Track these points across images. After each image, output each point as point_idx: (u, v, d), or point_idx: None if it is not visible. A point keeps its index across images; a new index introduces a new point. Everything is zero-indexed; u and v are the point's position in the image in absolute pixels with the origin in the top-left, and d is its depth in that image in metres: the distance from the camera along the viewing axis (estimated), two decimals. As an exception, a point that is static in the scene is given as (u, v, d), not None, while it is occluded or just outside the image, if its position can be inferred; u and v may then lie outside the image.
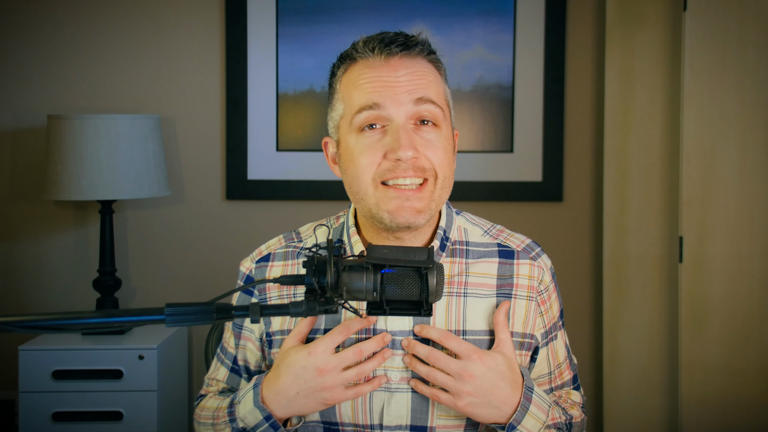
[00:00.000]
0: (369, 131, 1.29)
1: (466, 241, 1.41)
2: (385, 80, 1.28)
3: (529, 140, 2.89)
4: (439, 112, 1.30)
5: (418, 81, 1.29)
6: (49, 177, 2.60)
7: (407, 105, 1.28)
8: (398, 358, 1.33)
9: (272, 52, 2.88)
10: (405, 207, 1.28)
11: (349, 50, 1.34)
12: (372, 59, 1.30)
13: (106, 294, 2.71)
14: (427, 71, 1.32)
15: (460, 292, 1.36)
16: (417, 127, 1.29)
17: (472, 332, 1.34)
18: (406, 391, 1.32)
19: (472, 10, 2.86)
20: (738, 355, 2.61)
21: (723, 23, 2.57)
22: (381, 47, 1.30)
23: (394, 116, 1.28)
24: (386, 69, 1.29)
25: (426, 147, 1.29)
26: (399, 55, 1.29)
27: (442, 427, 1.33)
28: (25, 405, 2.52)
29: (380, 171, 1.28)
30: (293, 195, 2.92)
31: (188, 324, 1.10)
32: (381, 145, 1.28)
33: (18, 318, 1.03)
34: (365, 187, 1.29)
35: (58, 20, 2.89)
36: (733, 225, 2.60)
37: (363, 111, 1.28)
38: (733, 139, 2.59)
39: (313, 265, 1.10)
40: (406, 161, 1.26)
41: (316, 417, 1.35)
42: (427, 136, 1.29)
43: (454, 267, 1.37)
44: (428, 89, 1.30)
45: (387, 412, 1.32)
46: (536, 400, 1.32)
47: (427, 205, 1.29)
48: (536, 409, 1.31)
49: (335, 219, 1.46)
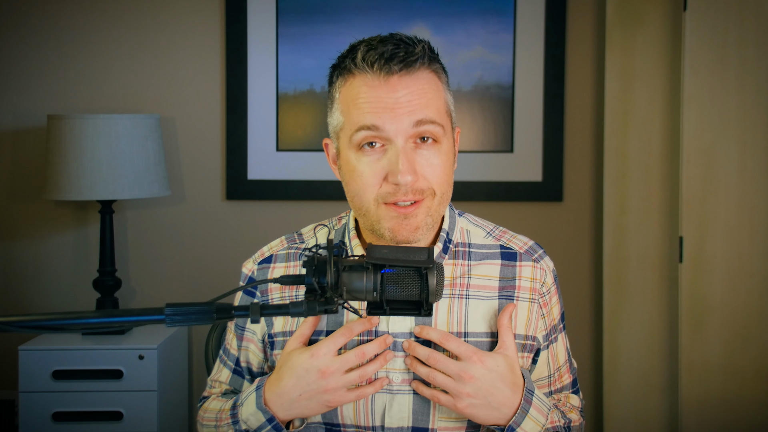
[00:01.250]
0: (369, 149, 1.28)
1: (468, 243, 1.40)
2: (384, 102, 1.26)
3: (529, 140, 2.89)
4: (439, 129, 1.29)
5: (418, 101, 1.27)
6: (49, 177, 2.60)
7: (407, 127, 1.27)
8: (399, 359, 1.33)
9: (272, 52, 2.88)
10: (404, 225, 1.28)
11: (347, 61, 1.30)
12: (371, 77, 1.27)
13: (106, 294, 2.71)
14: (427, 88, 1.29)
15: (462, 294, 1.36)
16: (417, 145, 1.29)
17: (474, 334, 1.34)
18: (407, 393, 1.32)
19: (472, 10, 2.86)
20: (738, 355, 2.61)
21: (723, 23, 2.57)
22: (380, 64, 1.26)
23: (394, 138, 1.27)
24: (385, 89, 1.27)
25: (425, 168, 1.28)
26: (399, 74, 1.27)
27: (444, 428, 1.33)
28: (25, 405, 2.52)
29: (381, 193, 1.28)
30: (293, 195, 2.92)
31: (188, 324, 1.10)
32: (380, 167, 1.27)
33: (18, 318, 1.03)
34: (367, 206, 1.30)
35: (58, 20, 2.89)
36: (733, 225, 2.60)
37: (362, 131, 1.28)
38: (733, 139, 2.59)
39: (313, 265, 1.10)
40: (406, 185, 1.27)
41: (318, 419, 1.34)
42: (427, 155, 1.29)
43: (456, 269, 1.37)
44: (428, 108, 1.28)
45: (389, 413, 1.32)
46: (536, 403, 1.32)
47: (424, 220, 1.30)
48: (536, 412, 1.31)
49: (337, 220, 1.46)
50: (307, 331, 1.33)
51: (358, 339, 1.33)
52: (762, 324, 2.60)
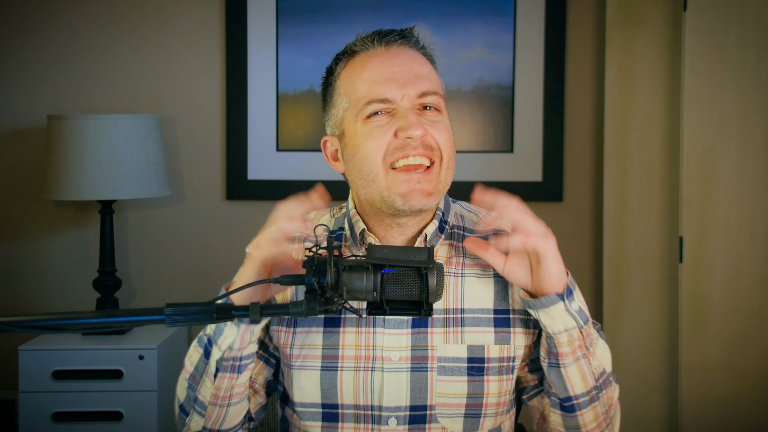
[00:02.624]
0: (376, 117, 1.31)
1: (462, 227, 1.42)
2: (387, 67, 1.32)
3: (529, 140, 2.89)
4: (440, 101, 1.34)
5: (420, 69, 1.33)
6: (49, 177, 2.60)
7: (411, 93, 1.31)
8: (396, 337, 1.33)
9: (272, 52, 2.88)
10: (416, 190, 1.29)
11: (347, 47, 1.37)
12: (373, 50, 1.34)
13: (106, 294, 2.71)
14: (425, 62, 1.36)
15: (457, 273, 1.37)
16: (421, 111, 1.33)
17: (470, 310, 1.35)
18: (405, 371, 1.33)
19: (472, 10, 2.86)
20: (738, 355, 2.61)
21: (723, 23, 2.57)
22: (379, 38, 1.34)
23: (400, 102, 1.31)
24: (388, 56, 1.33)
25: (432, 126, 1.32)
26: (398, 43, 1.34)
27: (442, 405, 1.33)
28: (25, 405, 2.52)
29: (390, 150, 1.29)
30: (293, 195, 2.91)
31: (188, 324, 1.10)
32: (389, 126, 1.30)
33: (18, 318, 1.03)
34: (376, 170, 1.30)
35: (59, 20, 2.89)
36: (733, 225, 2.60)
37: (371, 102, 1.31)
38: (733, 139, 2.59)
39: (313, 265, 1.10)
40: (416, 139, 1.29)
41: (316, 400, 1.35)
42: (432, 118, 1.33)
43: (451, 249, 1.39)
44: (429, 80, 1.33)
45: (387, 392, 1.33)
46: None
47: (436, 186, 1.31)
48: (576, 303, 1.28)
49: (338, 209, 1.48)
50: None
51: (356, 343, 1.34)
52: (762, 324, 2.60)
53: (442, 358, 1.33)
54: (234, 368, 1.27)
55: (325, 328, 1.36)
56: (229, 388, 1.29)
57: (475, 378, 1.34)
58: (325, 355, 1.35)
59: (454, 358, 1.33)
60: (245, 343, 1.26)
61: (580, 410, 1.30)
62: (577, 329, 1.26)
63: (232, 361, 1.26)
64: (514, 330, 1.36)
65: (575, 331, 1.26)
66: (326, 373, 1.35)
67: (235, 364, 1.27)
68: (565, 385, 1.29)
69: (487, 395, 1.34)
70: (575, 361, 1.28)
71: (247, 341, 1.26)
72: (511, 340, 1.35)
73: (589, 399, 1.30)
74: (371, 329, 1.34)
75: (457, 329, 1.34)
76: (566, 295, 1.24)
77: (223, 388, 1.29)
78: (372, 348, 1.34)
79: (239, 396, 1.31)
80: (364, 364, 1.34)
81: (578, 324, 1.26)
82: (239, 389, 1.30)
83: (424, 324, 1.34)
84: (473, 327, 1.34)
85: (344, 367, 1.34)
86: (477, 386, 1.34)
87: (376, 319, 1.34)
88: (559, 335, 1.26)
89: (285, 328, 1.37)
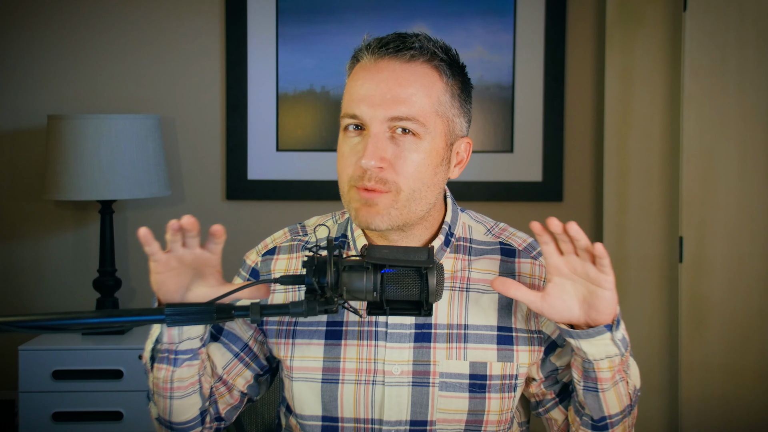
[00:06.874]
0: (351, 131, 1.30)
1: (469, 239, 1.41)
2: (368, 82, 1.27)
3: (529, 140, 2.89)
4: (417, 126, 1.26)
5: (400, 90, 1.26)
6: (49, 177, 2.60)
7: (380, 116, 1.26)
8: (398, 351, 1.33)
9: (272, 52, 2.88)
10: (366, 210, 1.27)
11: (354, 50, 1.35)
12: (364, 61, 1.30)
13: (106, 294, 2.71)
14: (414, 81, 1.27)
15: (462, 287, 1.36)
16: (394, 135, 1.27)
17: (474, 326, 1.34)
18: (406, 386, 1.32)
19: (472, 10, 2.86)
20: (738, 355, 2.61)
21: (723, 23, 2.57)
22: (373, 49, 1.29)
23: (369, 124, 1.27)
24: (372, 71, 1.28)
25: (397, 158, 1.26)
26: (388, 57, 1.28)
27: (442, 421, 1.33)
28: (25, 405, 2.52)
29: (351, 175, 1.28)
30: (293, 195, 2.92)
31: (188, 324, 1.10)
32: (357, 150, 1.28)
33: (18, 318, 1.03)
34: (342, 186, 1.31)
35: (58, 20, 2.89)
36: (733, 225, 2.60)
37: (344, 116, 1.30)
38: (733, 139, 2.59)
39: (313, 265, 1.10)
40: (371, 170, 1.25)
41: (317, 412, 1.35)
42: (403, 146, 1.27)
43: (456, 263, 1.37)
44: (406, 103, 1.26)
45: (387, 406, 1.32)
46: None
47: (387, 211, 1.27)
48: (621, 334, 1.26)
49: (341, 215, 1.47)
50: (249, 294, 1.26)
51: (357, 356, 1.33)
52: (762, 324, 2.60)
53: (444, 374, 1.32)
54: (169, 361, 1.27)
55: (327, 340, 1.35)
56: (167, 380, 1.28)
57: (476, 395, 1.33)
58: (326, 368, 1.34)
59: (456, 374, 1.32)
60: (174, 339, 1.25)
61: (612, 428, 1.30)
62: (619, 356, 1.25)
63: (167, 354, 1.26)
64: (517, 348, 1.34)
65: (617, 359, 1.25)
66: (327, 386, 1.34)
67: (170, 357, 1.26)
68: (601, 407, 1.28)
69: (488, 412, 1.34)
70: (614, 386, 1.27)
71: (176, 337, 1.25)
72: (514, 357, 1.34)
73: (622, 416, 1.31)
74: (373, 342, 1.33)
75: (459, 345, 1.33)
76: (615, 326, 1.22)
77: (160, 378, 1.28)
78: (373, 361, 1.33)
79: (182, 390, 1.29)
80: (365, 377, 1.33)
81: (620, 352, 1.25)
82: (180, 383, 1.29)
83: (426, 339, 1.33)
84: (476, 343, 1.33)
85: (345, 380, 1.33)
86: (478, 403, 1.33)
87: (377, 332, 1.33)
88: (599, 362, 1.24)
89: (284, 341, 1.36)
